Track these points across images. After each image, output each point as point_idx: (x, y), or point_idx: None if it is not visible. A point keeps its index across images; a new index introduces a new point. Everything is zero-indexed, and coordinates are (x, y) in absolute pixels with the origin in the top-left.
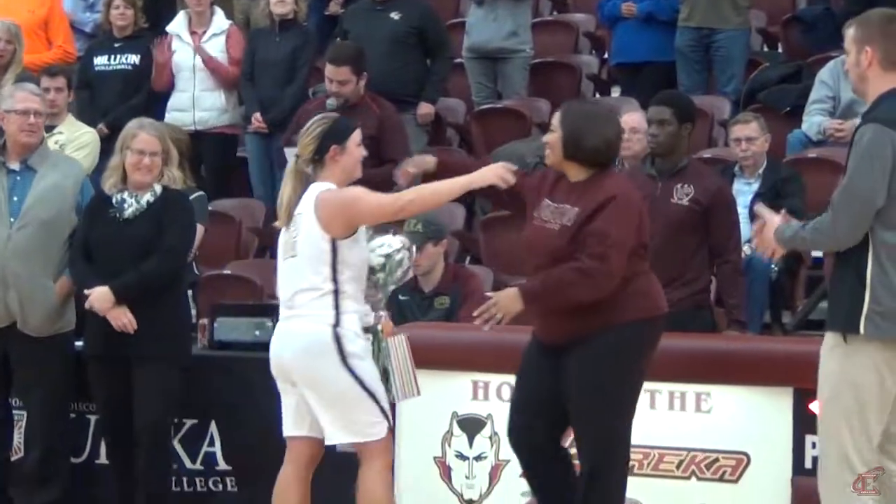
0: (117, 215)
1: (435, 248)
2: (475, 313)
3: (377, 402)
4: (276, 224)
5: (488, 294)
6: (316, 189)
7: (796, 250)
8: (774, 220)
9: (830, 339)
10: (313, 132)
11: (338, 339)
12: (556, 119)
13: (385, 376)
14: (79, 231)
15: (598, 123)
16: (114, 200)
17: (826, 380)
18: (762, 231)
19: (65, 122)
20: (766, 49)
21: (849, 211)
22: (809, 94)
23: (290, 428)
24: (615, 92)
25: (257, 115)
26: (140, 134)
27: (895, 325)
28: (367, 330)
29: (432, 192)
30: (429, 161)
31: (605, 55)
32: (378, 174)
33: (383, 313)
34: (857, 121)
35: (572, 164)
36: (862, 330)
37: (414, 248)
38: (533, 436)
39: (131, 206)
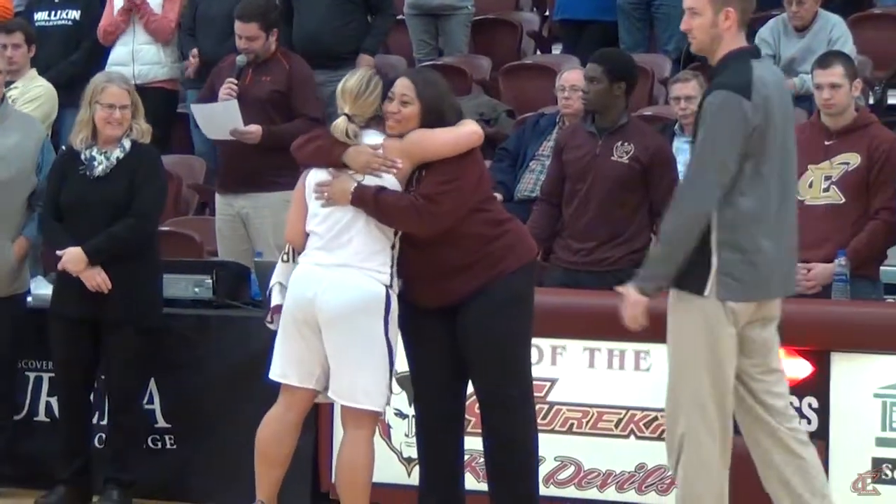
0: (87, 173)
1: None
2: (315, 185)
3: (392, 375)
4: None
5: (325, 181)
6: (375, 139)
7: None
8: (629, 290)
9: (675, 295)
10: (374, 92)
11: (388, 302)
12: (409, 90)
13: None
14: (49, 188)
15: (450, 94)
16: (83, 157)
17: (676, 332)
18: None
19: (24, 78)
20: None
21: (703, 183)
22: None
23: (292, 377)
24: (556, 49)
25: (193, 53)
26: (109, 87)
27: (742, 287)
28: None
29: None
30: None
31: (547, 13)
32: (288, 129)
33: None
34: (797, 79)
35: None
36: (707, 292)
37: None
38: (444, 405)
39: (101, 163)
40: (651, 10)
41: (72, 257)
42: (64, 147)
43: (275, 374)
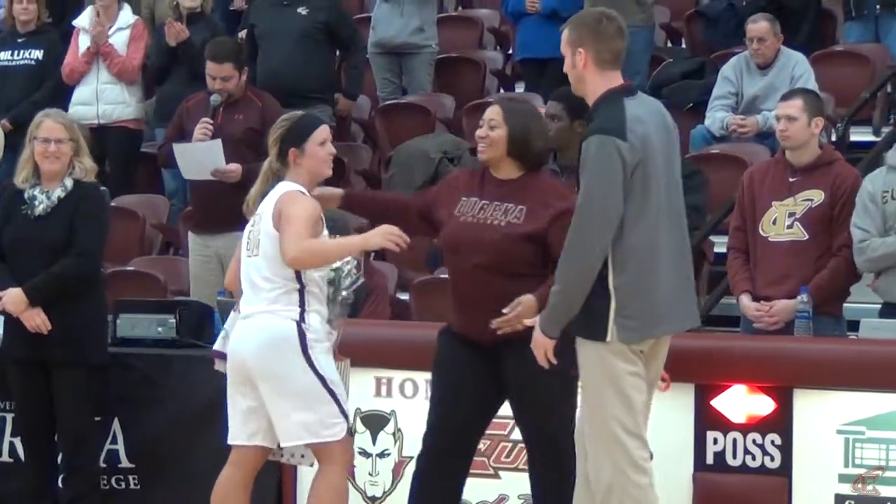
0: (28, 212)
1: None
2: (496, 323)
3: (337, 400)
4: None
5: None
6: (280, 189)
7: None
8: (535, 332)
9: (580, 342)
10: (273, 134)
11: (301, 335)
12: (496, 115)
13: None
14: None
15: (541, 125)
16: (25, 196)
17: (585, 379)
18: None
19: None
20: (669, 45)
21: (590, 229)
22: (712, 89)
23: (239, 437)
24: (519, 88)
25: None
26: (45, 121)
27: (643, 325)
28: None
29: (329, 251)
30: (335, 195)
31: (510, 51)
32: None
33: (335, 332)
34: (760, 116)
35: (511, 162)
36: (609, 337)
37: (361, 259)
38: (461, 442)
39: (42, 202)
40: None
41: (11, 298)
42: (4, 186)
43: (229, 438)
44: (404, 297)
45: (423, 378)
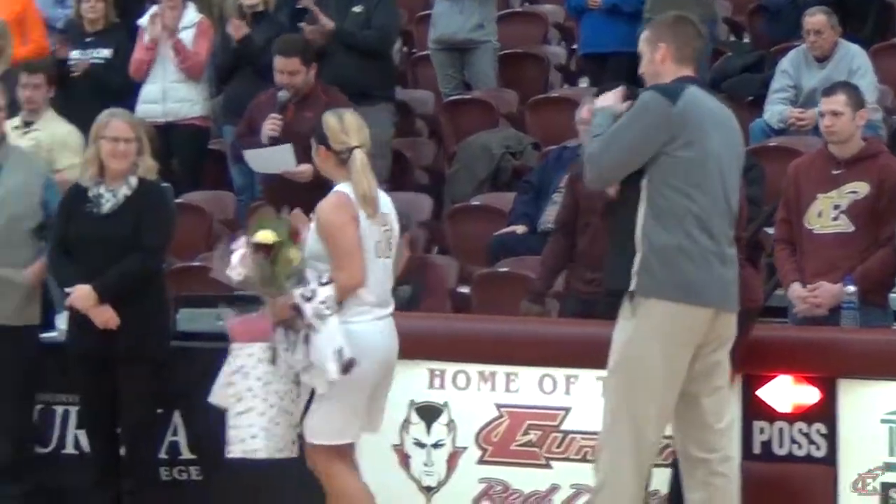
0: (94, 210)
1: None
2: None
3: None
4: (364, 216)
5: None
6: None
7: None
8: None
9: (623, 311)
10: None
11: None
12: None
13: None
14: (56, 226)
15: None
16: (90, 194)
17: (614, 350)
18: None
19: (43, 119)
20: (732, 38)
21: (605, 157)
22: (771, 82)
23: (354, 434)
24: (583, 83)
25: None
26: (112, 121)
27: (662, 285)
28: None
29: None
30: None
31: (574, 46)
32: None
33: None
34: (816, 109)
35: None
36: (633, 286)
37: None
38: None
39: (109, 200)
40: None
41: (80, 295)
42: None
43: (344, 437)
44: (465, 290)
45: (476, 370)
